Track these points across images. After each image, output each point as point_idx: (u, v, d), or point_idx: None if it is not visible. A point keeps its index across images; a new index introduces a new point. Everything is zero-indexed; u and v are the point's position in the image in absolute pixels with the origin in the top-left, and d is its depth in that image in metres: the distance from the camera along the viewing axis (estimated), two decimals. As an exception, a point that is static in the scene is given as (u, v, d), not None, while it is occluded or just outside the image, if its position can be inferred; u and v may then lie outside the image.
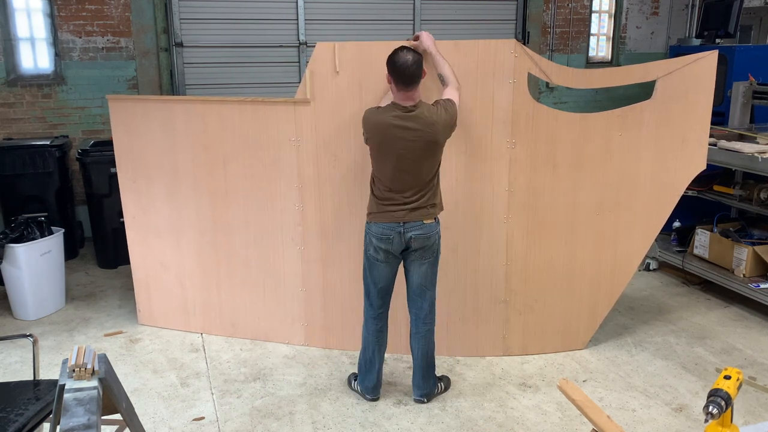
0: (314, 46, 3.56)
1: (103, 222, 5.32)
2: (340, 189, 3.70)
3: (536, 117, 3.52)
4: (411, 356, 3.48)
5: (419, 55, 2.99)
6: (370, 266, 3.27)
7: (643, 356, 3.88)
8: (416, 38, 3.34)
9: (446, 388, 3.52)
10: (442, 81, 3.24)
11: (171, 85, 5.98)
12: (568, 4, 7.26)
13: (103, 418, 2.00)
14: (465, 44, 3.45)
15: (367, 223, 3.23)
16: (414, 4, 6.43)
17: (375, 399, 3.44)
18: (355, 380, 3.52)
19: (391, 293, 3.36)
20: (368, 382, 3.42)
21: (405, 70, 2.93)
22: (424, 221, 3.12)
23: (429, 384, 3.41)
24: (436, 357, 3.51)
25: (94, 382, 1.94)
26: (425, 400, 3.41)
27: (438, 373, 3.53)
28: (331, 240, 3.80)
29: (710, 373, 3.67)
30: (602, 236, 3.71)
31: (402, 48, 3.01)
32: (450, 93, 3.14)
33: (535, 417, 3.28)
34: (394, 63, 2.95)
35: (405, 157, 3.01)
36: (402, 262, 3.27)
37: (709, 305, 4.63)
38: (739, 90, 5.24)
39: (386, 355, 3.86)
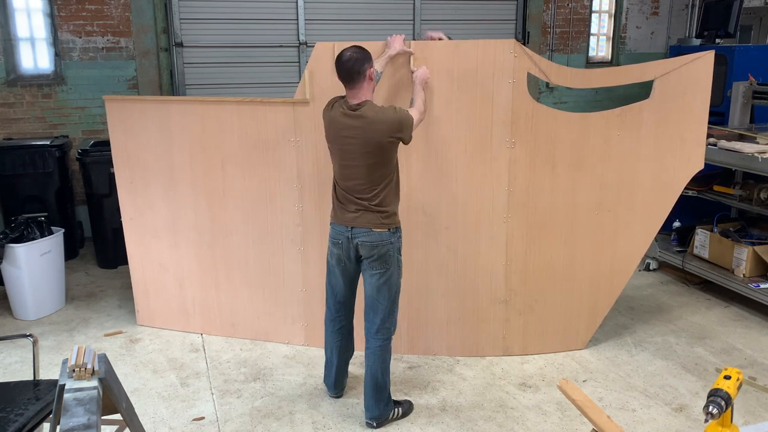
0: (314, 46, 3.56)
1: (103, 222, 5.32)
2: (340, 189, 3.70)
3: (536, 117, 3.52)
4: (409, 356, 3.48)
5: (360, 53, 2.93)
6: (327, 268, 3.25)
7: (643, 356, 3.88)
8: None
9: (404, 414, 3.26)
10: (411, 104, 3.20)
11: (171, 85, 5.99)
12: (568, 4, 7.26)
13: (103, 418, 2.00)
14: (465, 44, 3.45)
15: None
16: (414, 4, 6.43)
17: (336, 397, 3.42)
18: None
19: (348, 304, 3.28)
20: (328, 380, 3.41)
21: (341, 65, 2.91)
22: (373, 229, 3.00)
23: (379, 407, 3.16)
24: (436, 358, 3.50)
25: (94, 382, 1.94)
26: (374, 424, 3.16)
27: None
28: (331, 240, 3.79)
29: (710, 373, 3.67)
30: (602, 236, 3.71)
31: (350, 47, 2.99)
32: (411, 112, 3.07)
33: (535, 417, 3.28)
34: (336, 59, 2.96)
35: (347, 155, 2.99)
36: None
37: (709, 305, 4.63)
38: (739, 90, 5.24)
39: (386, 355, 3.86)
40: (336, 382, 3.40)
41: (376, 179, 2.99)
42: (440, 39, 3.44)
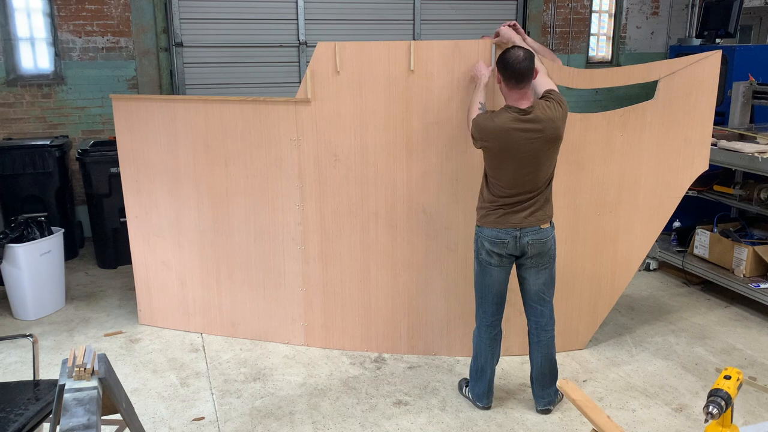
0: (314, 46, 3.57)
1: (102, 222, 5.32)
2: (340, 188, 3.71)
3: (536, 117, 3.51)
4: (409, 356, 3.47)
5: (530, 52, 2.92)
6: (482, 272, 3.15)
7: (643, 356, 3.88)
8: (497, 35, 3.35)
9: (563, 397, 3.38)
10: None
11: (171, 85, 5.99)
12: (568, 4, 7.26)
13: (103, 418, 2.00)
14: (465, 44, 3.44)
15: (477, 226, 3.12)
16: (414, 4, 6.43)
17: (487, 407, 3.32)
18: (466, 386, 3.43)
19: (505, 299, 3.23)
20: (479, 389, 3.31)
21: (517, 66, 2.85)
22: (541, 226, 3.03)
23: (550, 392, 3.28)
24: (436, 358, 3.50)
25: (94, 382, 1.95)
26: (551, 408, 3.30)
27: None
28: (331, 239, 3.80)
29: (710, 373, 3.67)
30: (603, 236, 3.71)
31: (513, 47, 2.96)
32: (546, 82, 3.04)
33: (535, 417, 3.28)
34: (505, 61, 2.88)
35: (526, 160, 2.92)
36: (517, 269, 3.18)
37: (709, 305, 4.62)
38: (739, 90, 5.24)
39: (386, 355, 3.87)
40: (489, 391, 3.33)
41: (547, 177, 3.05)
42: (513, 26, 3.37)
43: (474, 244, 3.20)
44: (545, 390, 3.28)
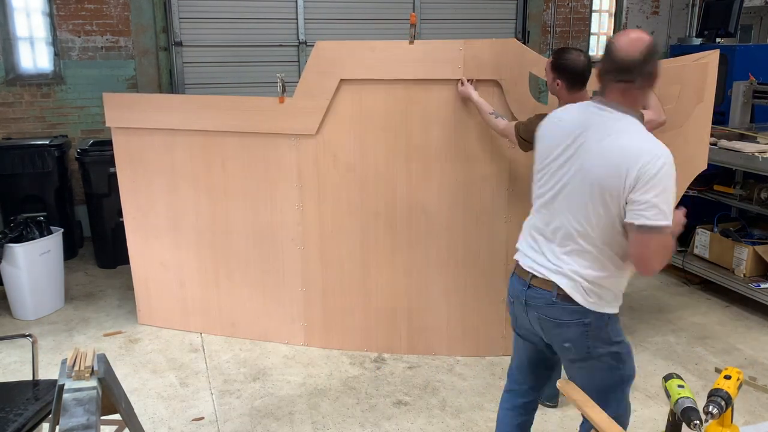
0: (314, 46, 3.56)
1: (102, 222, 5.31)
2: (339, 189, 3.70)
3: (536, 116, 3.51)
4: (409, 356, 3.47)
5: (588, 56, 2.84)
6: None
7: (643, 356, 3.87)
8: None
9: None
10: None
11: (170, 84, 5.98)
12: (568, 4, 7.25)
13: (102, 418, 2.00)
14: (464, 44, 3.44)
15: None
16: (414, 4, 6.43)
17: None
18: None
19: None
20: None
21: (579, 68, 2.75)
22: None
23: None
24: (436, 358, 3.48)
25: (93, 382, 1.94)
26: None
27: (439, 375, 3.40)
28: (330, 239, 3.79)
29: (710, 373, 3.66)
30: (602, 236, 3.70)
31: (570, 49, 2.82)
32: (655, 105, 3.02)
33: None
34: (564, 64, 2.76)
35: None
36: None
37: (709, 305, 4.62)
38: (740, 89, 5.23)
39: (386, 355, 3.86)
40: None
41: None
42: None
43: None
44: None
